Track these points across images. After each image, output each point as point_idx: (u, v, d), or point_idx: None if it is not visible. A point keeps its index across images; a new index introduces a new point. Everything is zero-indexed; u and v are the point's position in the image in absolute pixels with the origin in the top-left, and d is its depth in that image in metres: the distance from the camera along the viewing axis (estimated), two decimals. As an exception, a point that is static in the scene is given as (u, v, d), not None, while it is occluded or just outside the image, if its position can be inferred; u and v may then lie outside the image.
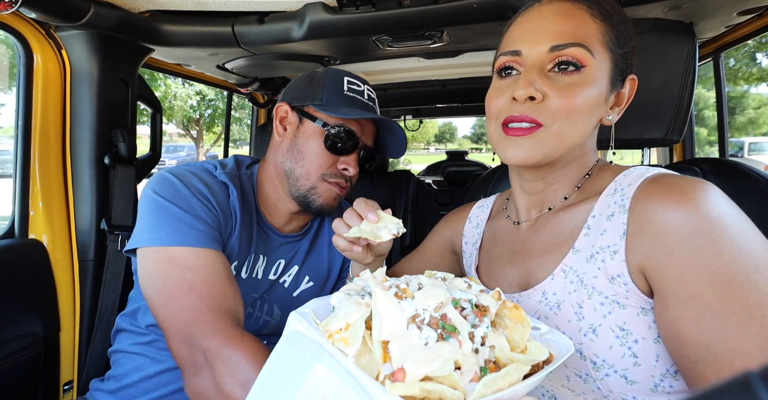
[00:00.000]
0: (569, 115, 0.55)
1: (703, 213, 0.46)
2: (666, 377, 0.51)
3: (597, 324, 0.53)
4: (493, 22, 1.03)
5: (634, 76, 0.61)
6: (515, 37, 0.59)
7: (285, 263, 0.91)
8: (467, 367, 0.37)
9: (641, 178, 0.54)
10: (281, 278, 0.90)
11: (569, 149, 0.58)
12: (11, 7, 0.82)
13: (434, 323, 0.39)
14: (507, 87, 0.59)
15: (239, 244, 0.82)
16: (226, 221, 0.79)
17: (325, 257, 0.95)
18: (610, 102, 0.59)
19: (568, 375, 0.56)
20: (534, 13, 0.58)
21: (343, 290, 0.49)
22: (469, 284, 0.47)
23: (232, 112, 2.28)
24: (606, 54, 0.56)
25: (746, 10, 1.06)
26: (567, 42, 0.54)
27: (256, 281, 0.88)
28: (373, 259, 0.70)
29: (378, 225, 0.60)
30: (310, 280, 0.92)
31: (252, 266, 0.87)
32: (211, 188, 0.79)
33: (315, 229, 0.97)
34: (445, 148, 34.26)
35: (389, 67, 1.93)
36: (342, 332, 0.41)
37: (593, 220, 0.57)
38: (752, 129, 13.85)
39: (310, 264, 0.94)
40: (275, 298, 0.90)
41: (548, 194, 0.65)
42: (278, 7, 1.08)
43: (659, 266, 0.48)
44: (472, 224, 0.82)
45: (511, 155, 0.58)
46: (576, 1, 0.56)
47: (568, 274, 0.57)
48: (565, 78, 0.55)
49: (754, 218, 0.48)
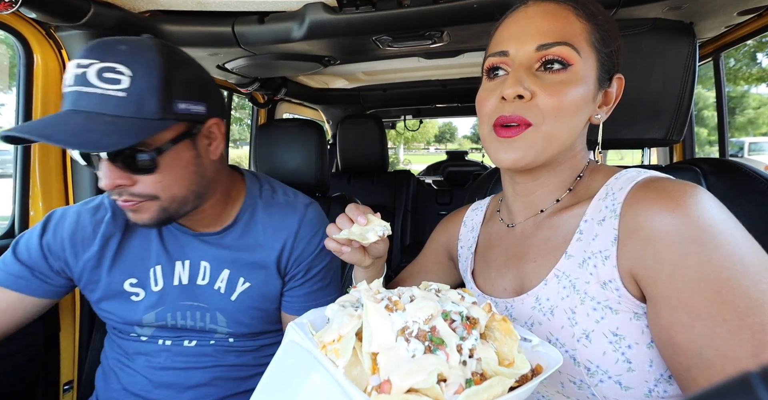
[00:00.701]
0: (557, 114, 0.55)
1: (693, 218, 0.46)
2: (660, 382, 0.51)
3: (590, 330, 0.53)
4: (493, 22, 1.03)
5: (620, 75, 0.61)
6: (502, 37, 0.60)
7: (211, 265, 0.84)
8: (453, 379, 0.37)
9: (632, 183, 0.54)
10: (215, 285, 0.84)
11: (559, 150, 0.58)
12: (11, 7, 0.82)
13: (422, 336, 0.40)
14: (496, 87, 0.59)
15: (131, 258, 0.82)
16: (80, 246, 0.81)
17: (257, 255, 0.86)
18: (598, 101, 0.60)
19: (562, 382, 0.56)
20: (520, 15, 0.59)
21: (339, 301, 0.50)
22: (462, 296, 0.48)
23: (232, 112, 2.29)
24: (592, 53, 0.57)
25: (746, 10, 1.06)
26: (553, 41, 0.55)
27: (182, 287, 0.83)
28: (371, 262, 0.70)
29: (367, 228, 0.63)
30: (246, 281, 0.85)
31: (168, 273, 0.83)
32: (71, 224, 0.81)
33: (241, 227, 0.86)
34: (445, 148, 34.27)
35: (389, 67, 1.93)
36: (334, 344, 0.43)
37: (585, 225, 0.57)
38: (752, 129, 13.85)
39: (241, 265, 0.85)
40: (215, 305, 0.84)
41: (540, 196, 0.65)
42: (278, 7, 1.08)
43: (650, 272, 0.48)
44: (467, 228, 0.81)
45: (502, 158, 0.58)
46: (561, 2, 0.57)
47: (561, 279, 0.57)
48: (552, 76, 0.55)
49: (754, 218, 0.48)
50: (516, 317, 0.62)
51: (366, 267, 0.71)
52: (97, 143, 0.61)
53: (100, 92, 0.63)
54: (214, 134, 0.78)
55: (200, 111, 0.72)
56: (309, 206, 0.91)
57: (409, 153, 30.51)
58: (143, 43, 0.67)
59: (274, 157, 1.36)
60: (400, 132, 10.74)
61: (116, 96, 0.63)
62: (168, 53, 0.68)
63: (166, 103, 0.66)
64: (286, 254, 0.86)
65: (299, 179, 1.36)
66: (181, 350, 0.85)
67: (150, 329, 0.84)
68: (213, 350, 0.86)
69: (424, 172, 5.94)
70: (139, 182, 0.70)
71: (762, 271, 0.43)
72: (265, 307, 0.87)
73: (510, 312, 0.63)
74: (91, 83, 0.63)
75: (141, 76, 0.64)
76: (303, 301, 0.88)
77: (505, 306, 0.65)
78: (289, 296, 0.88)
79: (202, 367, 0.85)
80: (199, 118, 0.73)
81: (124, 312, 0.83)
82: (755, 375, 0.13)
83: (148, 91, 0.64)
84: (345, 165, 2.41)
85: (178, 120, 0.69)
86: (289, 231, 0.87)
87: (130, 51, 0.65)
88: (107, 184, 0.67)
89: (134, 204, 0.71)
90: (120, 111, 0.63)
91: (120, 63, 0.63)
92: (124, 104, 0.63)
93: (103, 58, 0.63)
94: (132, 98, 0.63)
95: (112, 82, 0.63)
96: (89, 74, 0.63)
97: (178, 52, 0.71)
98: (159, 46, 0.67)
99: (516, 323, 0.61)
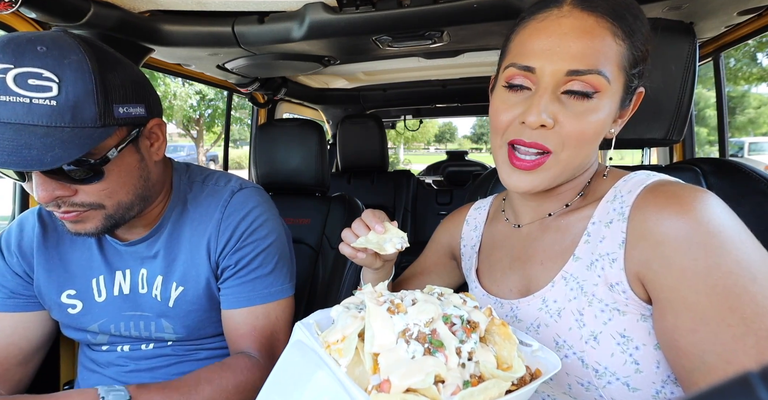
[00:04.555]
0: (578, 144, 0.54)
1: (701, 224, 0.46)
2: (667, 384, 0.51)
3: (598, 331, 0.53)
4: (493, 22, 1.03)
5: (642, 89, 0.58)
6: (529, 49, 0.54)
7: (148, 272, 0.81)
8: (450, 380, 0.39)
9: (641, 186, 0.53)
10: (152, 293, 0.81)
11: (574, 174, 0.58)
12: (11, 7, 0.82)
13: (422, 338, 0.42)
14: (516, 104, 0.56)
15: (71, 269, 0.80)
16: (30, 256, 0.80)
17: (186, 255, 0.81)
18: (615, 117, 0.58)
19: (570, 383, 0.56)
20: (553, 24, 0.53)
21: (343, 303, 0.52)
22: (464, 300, 0.49)
23: (232, 112, 2.29)
24: (620, 77, 0.53)
25: (746, 10, 1.06)
26: (586, 68, 0.51)
27: (124, 297, 0.81)
28: (382, 264, 0.70)
29: (384, 237, 0.62)
30: (179, 285, 0.81)
31: (110, 283, 0.81)
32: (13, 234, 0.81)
33: (169, 228, 0.81)
34: (445, 148, 34.26)
35: (389, 67, 1.93)
36: (338, 344, 0.44)
37: (593, 227, 0.57)
38: (752, 129, 13.85)
39: (172, 269, 0.81)
40: (157, 313, 0.81)
41: (549, 202, 0.65)
42: (278, 7, 1.08)
43: (657, 276, 0.48)
44: (469, 227, 0.81)
45: (514, 186, 0.58)
46: (601, 17, 0.51)
47: (568, 281, 0.57)
48: (577, 103, 0.52)
49: (754, 218, 0.48)
50: (521, 318, 0.62)
51: (376, 269, 0.71)
52: (39, 160, 0.56)
53: (24, 101, 0.56)
54: (156, 135, 0.74)
55: (140, 113, 0.68)
56: (237, 191, 0.84)
57: (409, 153, 30.50)
58: (64, 42, 0.60)
59: (274, 157, 1.36)
60: (400, 132, 10.73)
61: (46, 105, 0.57)
62: (96, 54, 0.62)
63: (104, 109, 0.61)
64: (213, 248, 0.80)
65: (299, 179, 1.36)
66: (140, 353, 0.84)
67: (104, 336, 0.83)
68: (172, 350, 0.85)
69: (424, 172, 5.94)
70: (81, 191, 0.65)
71: None
72: (208, 308, 0.82)
73: (515, 313, 0.63)
74: (11, 91, 0.56)
75: (72, 81, 0.58)
76: (237, 292, 0.81)
77: (510, 307, 0.64)
78: (223, 290, 0.82)
79: (167, 365, 0.84)
80: (140, 121, 0.69)
81: (70, 323, 0.82)
82: (755, 375, 0.13)
83: (84, 97, 0.59)
84: (345, 165, 2.41)
85: (119, 125, 0.64)
86: (213, 222, 0.81)
87: (51, 53, 0.58)
88: (44, 197, 0.62)
89: (77, 214, 0.66)
90: (54, 121, 0.57)
91: (42, 67, 0.57)
92: (58, 113, 0.57)
93: (18, 62, 0.56)
94: (66, 106, 0.58)
95: (38, 89, 0.56)
96: (8, 81, 0.56)
97: (106, 51, 0.66)
98: (83, 46, 0.61)
99: (521, 324, 0.61)
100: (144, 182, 0.73)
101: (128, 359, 0.84)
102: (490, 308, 0.48)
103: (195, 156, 14.60)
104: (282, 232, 0.89)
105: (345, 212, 1.31)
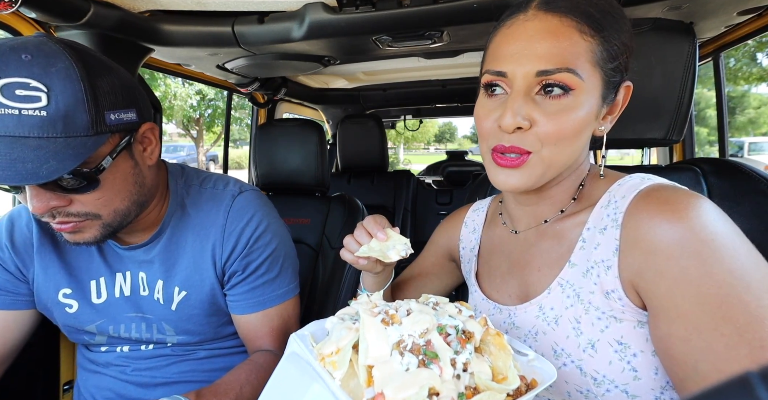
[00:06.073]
0: (557, 142, 0.53)
1: (695, 231, 0.45)
2: (666, 390, 0.51)
3: (595, 339, 0.52)
4: (493, 22, 1.03)
5: (629, 83, 0.58)
6: (500, 55, 0.55)
7: (147, 276, 0.81)
8: (445, 393, 0.38)
9: (635, 191, 0.53)
10: (155, 295, 0.81)
11: (561, 171, 0.57)
12: (11, 7, 0.82)
13: (416, 350, 0.41)
14: (494, 109, 0.56)
15: (69, 268, 0.80)
16: (24, 253, 0.79)
17: (189, 260, 0.81)
18: (602, 114, 0.57)
19: (569, 391, 0.56)
20: (519, 29, 0.54)
21: (338, 314, 0.51)
22: (459, 310, 0.48)
23: (232, 112, 2.29)
24: (595, 72, 0.53)
25: (746, 10, 1.06)
26: (554, 67, 0.51)
27: (125, 299, 0.81)
28: (383, 268, 0.70)
29: (387, 244, 0.61)
30: (182, 290, 0.81)
31: (111, 285, 0.81)
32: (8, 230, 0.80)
33: (169, 232, 0.81)
34: (445, 148, 34.25)
35: (389, 67, 1.93)
36: (332, 356, 0.44)
37: (588, 233, 0.57)
38: (752, 129, 13.84)
39: (174, 274, 0.81)
40: (159, 316, 0.82)
41: (544, 208, 0.64)
42: (278, 7, 1.08)
43: (650, 284, 0.48)
44: (468, 229, 0.81)
45: (502, 183, 0.57)
46: (565, 16, 0.52)
47: (565, 288, 0.57)
48: (552, 102, 0.52)
49: (754, 218, 0.48)
50: (519, 325, 0.62)
51: (377, 273, 0.71)
52: (35, 174, 0.54)
53: (13, 113, 0.54)
54: (149, 140, 0.73)
55: (132, 118, 0.67)
56: (238, 196, 0.84)
57: (409, 153, 30.49)
58: (48, 48, 0.58)
59: (274, 157, 1.36)
60: (400, 132, 10.73)
61: (36, 116, 0.55)
62: (83, 59, 0.60)
63: (96, 117, 0.59)
64: (218, 253, 0.80)
65: (299, 179, 1.36)
66: (140, 354, 0.84)
67: (103, 337, 0.83)
68: (171, 351, 0.85)
69: (424, 172, 5.93)
70: (77, 201, 0.64)
71: (764, 286, 0.43)
72: (211, 312, 0.83)
73: (513, 320, 0.63)
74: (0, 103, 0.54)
75: (61, 90, 0.56)
76: (249, 298, 0.82)
77: (508, 313, 0.64)
78: (232, 296, 0.83)
79: (166, 365, 0.84)
80: (132, 126, 0.67)
81: (68, 322, 0.82)
82: (755, 375, 0.13)
83: (74, 105, 0.57)
84: (345, 165, 2.41)
85: (112, 132, 0.63)
86: (217, 228, 0.81)
87: (37, 62, 0.56)
88: (39, 208, 0.60)
89: (74, 225, 0.65)
90: (45, 132, 0.56)
91: (29, 77, 0.55)
92: (49, 124, 0.56)
93: (3, 72, 0.54)
94: (56, 116, 0.56)
95: (26, 100, 0.55)
96: None
97: (93, 55, 0.64)
98: (69, 52, 0.59)
99: (519, 331, 0.61)
100: (139, 188, 0.73)
101: (128, 359, 0.84)
102: (485, 317, 0.48)
103: (195, 156, 14.60)
104: (283, 233, 0.90)
105: (345, 212, 1.31)
